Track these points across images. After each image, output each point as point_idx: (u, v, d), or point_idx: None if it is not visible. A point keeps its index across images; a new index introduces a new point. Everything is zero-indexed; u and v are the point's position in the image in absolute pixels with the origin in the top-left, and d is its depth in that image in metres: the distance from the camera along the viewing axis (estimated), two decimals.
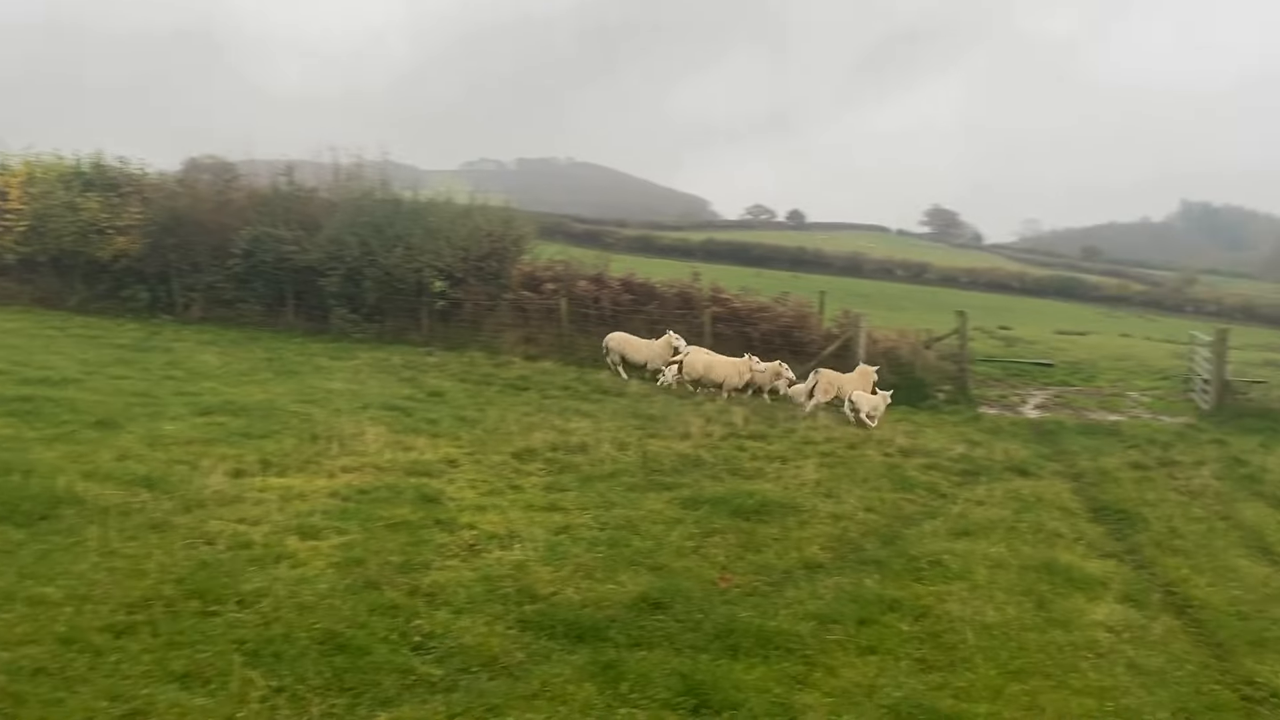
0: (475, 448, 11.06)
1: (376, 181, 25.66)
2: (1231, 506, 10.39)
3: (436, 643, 5.64)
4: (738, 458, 11.46)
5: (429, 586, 6.48)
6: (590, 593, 6.50)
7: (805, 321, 20.41)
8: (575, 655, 5.57)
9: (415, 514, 8.18)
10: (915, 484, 10.58)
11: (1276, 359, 36.65)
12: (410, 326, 22.90)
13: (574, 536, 7.80)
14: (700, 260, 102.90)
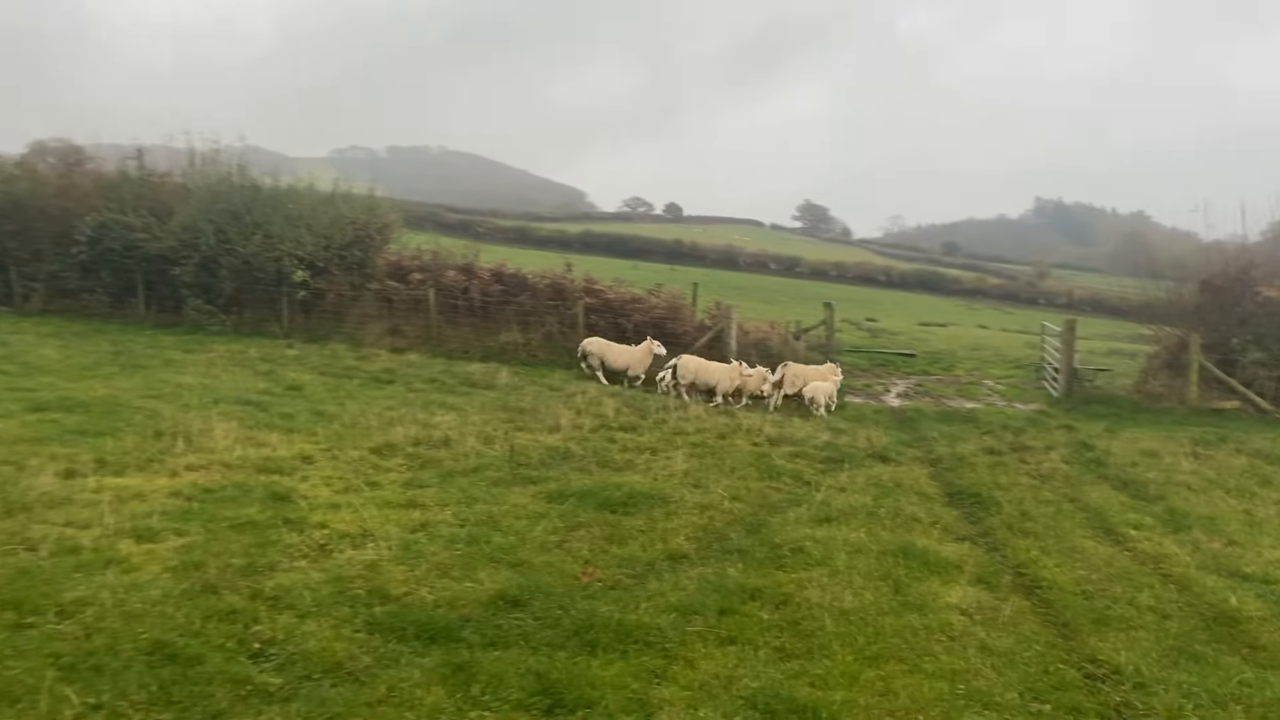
0: (332, 443, 10.61)
1: (234, 166, 24.54)
2: (1078, 489, 10.83)
3: (277, 649, 5.31)
4: (608, 450, 11.34)
5: (272, 590, 6.12)
6: (445, 592, 6.24)
7: (678, 313, 20.48)
8: (426, 658, 5.32)
9: (263, 513, 7.76)
10: (782, 472, 10.66)
11: (1120, 348, 38.84)
12: (270, 318, 22.02)
13: (432, 534, 7.52)
14: (577, 252, 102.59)
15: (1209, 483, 11.32)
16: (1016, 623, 6.29)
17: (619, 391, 16.43)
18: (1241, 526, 9.35)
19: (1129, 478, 11.44)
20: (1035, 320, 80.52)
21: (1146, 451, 13.17)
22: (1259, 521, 9.60)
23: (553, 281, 21.56)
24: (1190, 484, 11.15)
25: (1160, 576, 7.61)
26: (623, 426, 13.07)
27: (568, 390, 16.13)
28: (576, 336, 20.46)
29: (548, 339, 20.76)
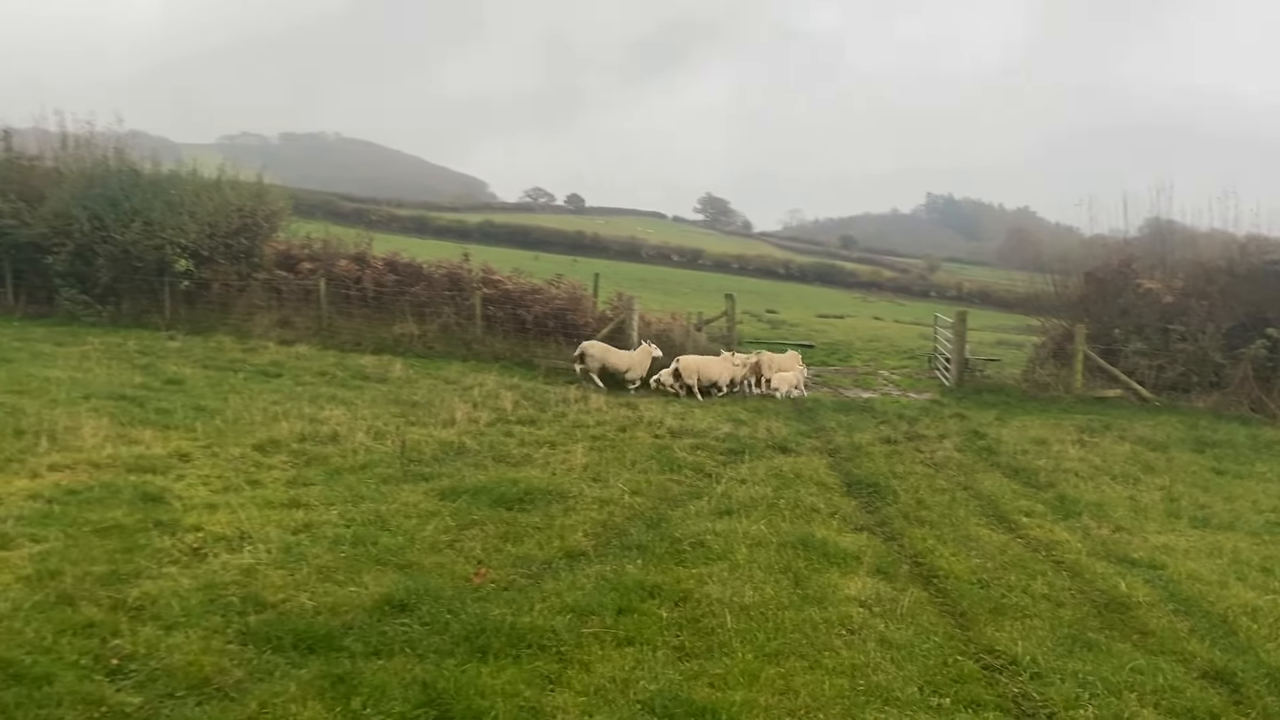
0: (212, 440, 10.05)
1: (111, 150, 23.26)
2: (972, 477, 10.98)
3: (138, 665, 4.90)
4: (504, 444, 11.03)
5: (136, 599, 5.68)
6: (327, 598, 5.89)
7: (579, 304, 20.20)
8: (303, 669, 4.98)
9: (132, 516, 7.25)
10: (682, 465, 10.53)
11: (1008, 339, 40.11)
12: (150, 308, 20.96)
13: (315, 535, 7.13)
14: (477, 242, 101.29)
15: (1096, 469, 11.63)
16: (915, 614, 6.25)
17: (519, 385, 16.07)
18: (1128, 512, 9.58)
19: (1020, 465, 11.67)
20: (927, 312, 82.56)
21: (1036, 439, 13.48)
22: (1144, 507, 9.86)
23: (449, 271, 21.04)
24: (1078, 471, 11.43)
25: (1053, 564, 7.71)
26: (521, 420, 12.78)
27: (464, 383, 15.72)
28: (473, 327, 20.05)
29: (444, 330, 20.25)
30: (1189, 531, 8.96)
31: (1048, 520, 9.13)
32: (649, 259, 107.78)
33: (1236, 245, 18.62)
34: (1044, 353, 19.62)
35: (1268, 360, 17.24)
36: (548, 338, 19.89)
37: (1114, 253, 19.62)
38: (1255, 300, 17.93)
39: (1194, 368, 17.82)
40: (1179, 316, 18.14)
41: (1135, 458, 12.65)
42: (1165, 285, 18.28)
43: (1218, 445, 14.14)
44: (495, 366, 18.41)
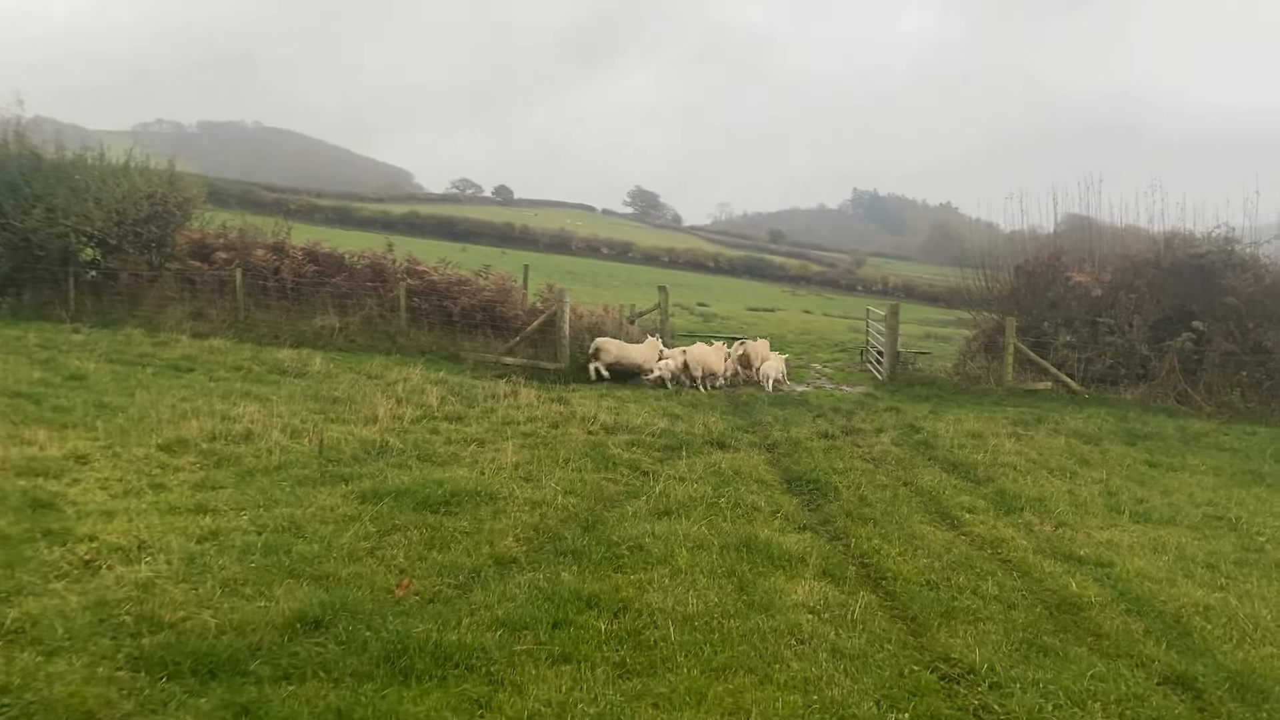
0: (114, 440, 9.34)
1: (10, 134, 21.99)
2: (911, 472, 10.78)
3: (11, 699, 4.33)
4: (430, 442, 10.50)
5: (15, 621, 5.08)
6: (233, 615, 5.35)
7: (508, 296, 19.68)
8: (203, 698, 4.47)
9: (17, 525, 6.59)
10: (618, 462, 10.12)
11: (935, 332, 40.59)
12: (54, 300, 19.89)
13: (222, 544, 6.55)
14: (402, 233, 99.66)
15: (1033, 463, 11.53)
16: (866, 620, 5.93)
17: (445, 380, 15.49)
18: (1068, 508, 9.45)
19: (957, 460, 11.52)
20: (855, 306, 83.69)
21: (971, 433, 13.38)
22: (1083, 502, 9.75)
23: (372, 262, 20.34)
24: (1016, 465, 11.31)
25: (1000, 562, 7.49)
26: (448, 416, 12.24)
27: (388, 378, 15.10)
28: (398, 320, 19.39)
29: (367, 323, 19.56)
30: (1131, 527, 8.84)
31: (990, 517, 8.94)
32: (579, 251, 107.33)
33: (1162, 239, 18.86)
34: (975, 346, 19.69)
35: (1193, 353, 17.48)
36: (476, 330, 19.34)
37: (1044, 246, 19.76)
38: (1180, 293, 18.19)
39: (1122, 360, 18.01)
40: (1107, 310, 18.33)
41: (1070, 451, 12.62)
42: (1094, 279, 18.44)
43: (1148, 437, 14.23)
44: (421, 360, 17.78)
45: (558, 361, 18.44)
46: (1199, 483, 11.30)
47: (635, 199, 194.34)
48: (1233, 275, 17.68)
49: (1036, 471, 11.10)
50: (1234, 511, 9.74)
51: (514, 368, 18.15)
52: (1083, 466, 11.73)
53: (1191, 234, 18.57)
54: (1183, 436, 14.47)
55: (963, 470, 11.02)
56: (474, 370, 17.68)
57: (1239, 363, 17.29)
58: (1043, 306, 19.10)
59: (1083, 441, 13.45)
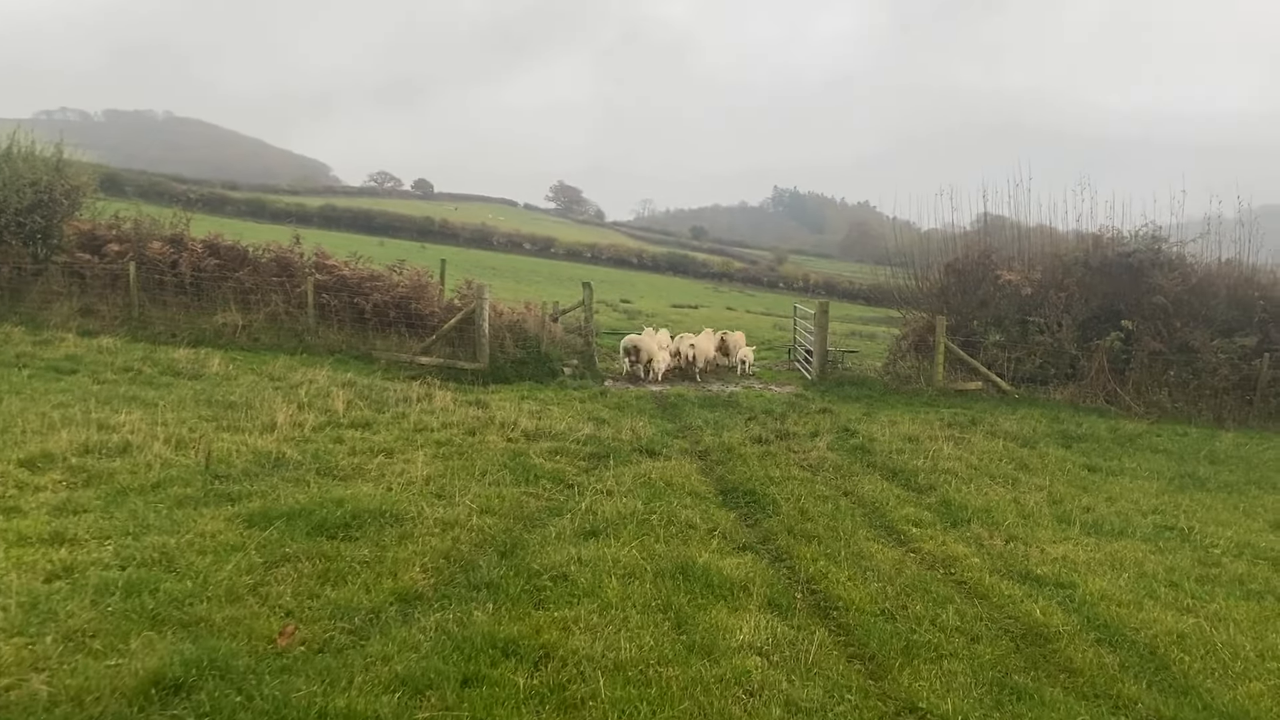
0: None
1: None
2: (850, 480, 10.21)
3: None
4: (333, 453, 9.56)
5: None
6: (74, 679, 4.43)
7: (424, 292, 18.66)
8: None
9: None
10: (540, 474, 9.33)
11: (858, 330, 40.53)
12: None
13: (76, 583, 5.60)
14: (319, 227, 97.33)
15: (973, 470, 11.08)
16: (821, 663, 5.26)
17: (354, 382, 14.45)
18: (1017, 519, 8.97)
19: (897, 466, 11.00)
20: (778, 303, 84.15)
21: (907, 436, 12.92)
22: (1030, 512, 9.28)
23: (278, 255, 19.11)
24: (957, 472, 10.84)
25: (955, 584, 6.92)
26: (354, 423, 11.29)
27: (291, 380, 14.03)
28: (305, 317, 18.23)
29: (272, 320, 18.35)
30: (1084, 540, 8.37)
31: (938, 531, 8.40)
32: (500, 246, 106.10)
33: (1090, 238, 18.73)
34: (905, 345, 19.32)
35: (1122, 352, 17.36)
36: (389, 329, 18.30)
37: (974, 244, 19.50)
38: (1108, 292, 18.07)
39: (1052, 360, 17.81)
40: (1037, 309, 18.12)
41: (1009, 455, 12.21)
42: (1024, 277, 18.21)
43: (1083, 439, 13.96)
44: (329, 360, 16.70)
45: (476, 361, 17.53)
46: (1140, 488, 10.97)
47: (558, 194, 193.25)
48: (1160, 274, 17.62)
49: (978, 479, 10.64)
50: (1182, 521, 9.38)
51: (430, 368, 17.19)
52: (1023, 472, 11.32)
53: (1119, 232, 18.47)
54: (1116, 438, 14.23)
55: (903, 478, 10.49)
56: (386, 371, 16.67)
57: (1166, 362, 17.22)
58: (972, 305, 18.83)
59: (1019, 445, 13.09)
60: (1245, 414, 16.78)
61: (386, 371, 16.61)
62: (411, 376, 16.44)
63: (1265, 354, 16.92)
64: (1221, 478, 12.00)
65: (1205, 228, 18.26)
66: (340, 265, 19.08)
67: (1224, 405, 16.86)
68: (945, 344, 17.88)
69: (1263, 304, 17.54)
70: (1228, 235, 18.18)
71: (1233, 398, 16.99)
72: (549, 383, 17.51)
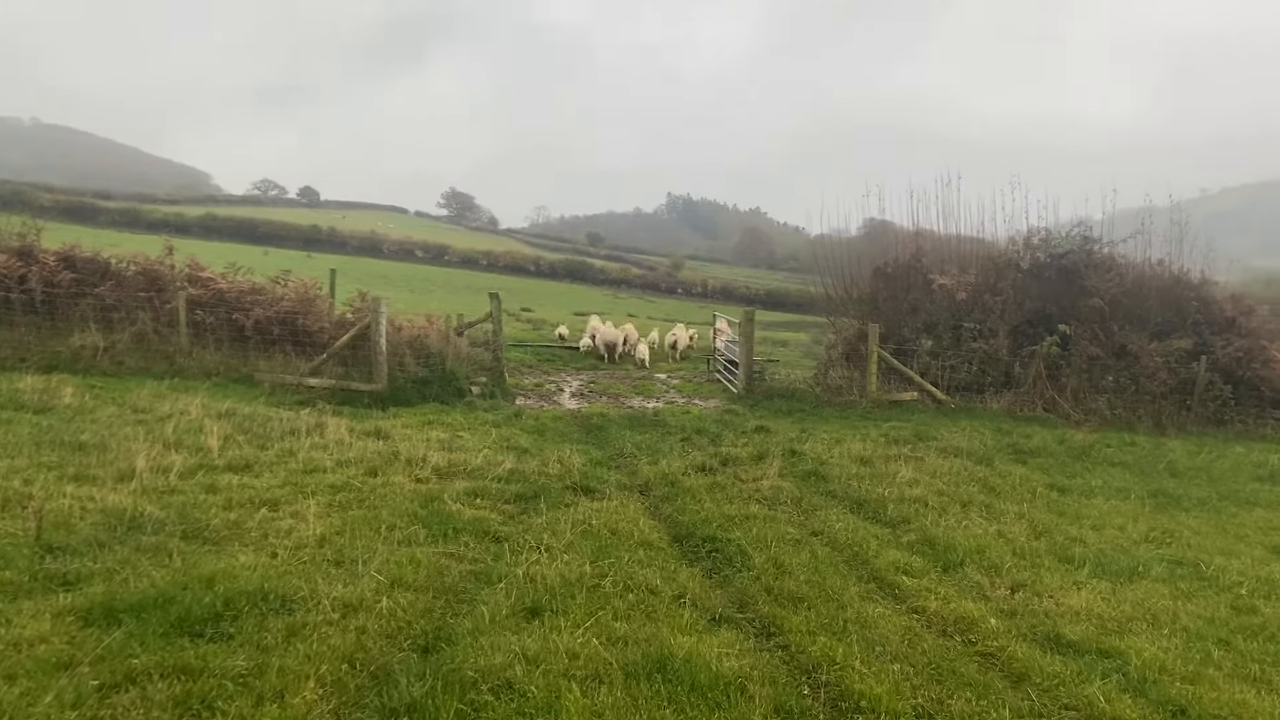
0: None
1: None
2: (814, 516, 9.00)
3: None
4: (204, 507, 7.86)
5: None
6: None
7: (311, 306, 16.82)
8: None
9: None
10: (460, 525, 7.81)
11: (769, 336, 39.82)
12: None
13: None
14: (199, 237, 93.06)
15: (941, 496, 9.99)
16: None
17: (234, 412, 12.59)
18: (1012, 558, 7.86)
19: (860, 496, 9.85)
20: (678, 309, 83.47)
21: (858, 458, 11.83)
22: (1023, 550, 8.18)
23: (145, 267, 16.99)
24: (925, 500, 9.73)
25: (983, 660, 5.70)
26: (232, 465, 9.55)
27: (159, 411, 12.10)
28: (177, 336, 16.22)
29: (139, 341, 16.25)
30: (1096, 584, 7.30)
31: (933, 579, 7.21)
32: (391, 255, 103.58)
33: (1021, 239, 18.08)
34: (836, 355, 18.34)
35: (1060, 358, 16.69)
36: (273, 347, 16.42)
37: (904, 247, 18.64)
38: (1041, 295, 17.42)
39: (988, 367, 17.04)
40: (969, 314, 17.35)
41: (970, 476, 11.21)
42: (958, 282, 17.41)
43: (1036, 454, 13.13)
44: (205, 385, 14.77)
45: (373, 382, 15.81)
46: (1118, 511, 10.06)
47: (450, 200, 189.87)
48: (1094, 276, 17.03)
49: (949, 507, 9.56)
50: (1183, 551, 8.46)
51: (320, 391, 15.40)
52: (992, 496, 10.30)
53: (1049, 233, 17.85)
54: (1069, 451, 13.44)
55: (871, 510, 9.34)
56: (271, 396, 14.83)
57: (1104, 367, 16.62)
58: (903, 311, 17.98)
59: (975, 463, 12.14)
60: (1184, 419, 16.29)
61: (271, 396, 14.77)
62: (300, 402, 14.66)
63: (1202, 356, 16.48)
64: (1192, 494, 11.24)
65: (1138, 226, 17.78)
66: (217, 278, 17.09)
67: (1163, 410, 16.35)
68: (879, 353, 16.94)
69: (1196, 305, 17.13)
70: (1158, 235, 17.76)
71: (1170, 402, 16.49)
72: (456, 404, 15.93)
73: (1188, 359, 16.60)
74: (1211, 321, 16.97)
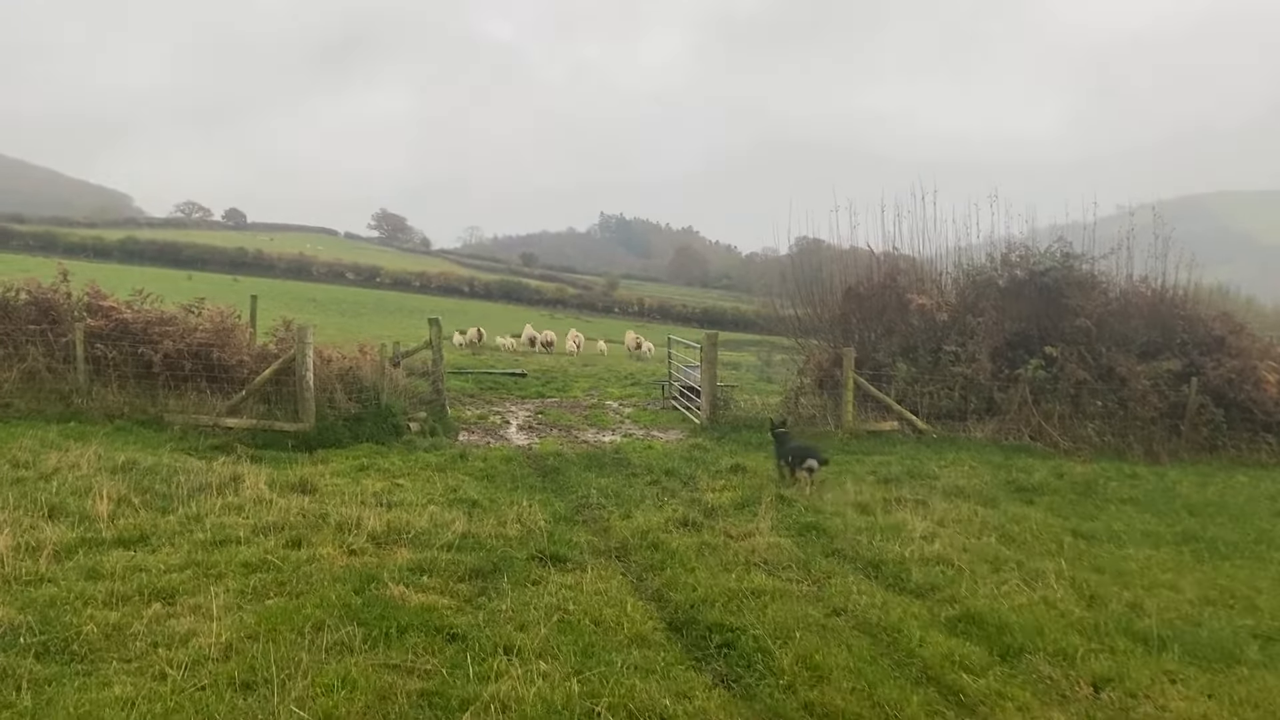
0: None
1: None
2: (828, 586, 7.60)
3: None
4: (78, 604, 6.19)
5: None
6: None
7: (229, 337, 15.00)
8: None
9: None
10: (405, 621, 6.21)
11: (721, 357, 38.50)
12: None
13: None
14: (119, 261, 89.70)
15: (964, 552, 8.66)
16: None
17: (134, 464, 10.79)
18: (1076, 637, 6.52)
19: (872, 555, 8.47)
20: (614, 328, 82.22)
21: (857, 505, 10.51)
22: (1080, 623, 6.85)
23: (37, 296, 15.04)
24: (948, 559, 8.39)
25: None
26: (123, 538, 7.86)
27: (42, 466, 10.26)
28: (73, 374, 14.30)
29: (29, 379, 14.29)
30: (1195, 676, 6.00)
31: (1000, 677, 5.82)
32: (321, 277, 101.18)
33: (999, 256, 17.02)
34: (807, 381, 17.04)
35: (1047, 382, 15.60)
36: (185, 384, 14.58)
37: (878, 265, 17.45)
38: (1022, 316, 16.37)
39: (970, 393, 15.89)
40: (949, 336, 16.21)
41: (981, 523, 9.92)
42: (938, 302, 16.27)
43: (1039, 491, 11.98)
44: (105, 430, 12.95)
45: (299, 421, 14.09)
46: (1158, 563, 8.84)
47: (381, 222, 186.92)
48: (1078, 294, 16.02)
49: (978, 567, 8.23)
50: (1263, 620, 7.23)
51: (239, 433, 13.65)
52: (1017, 549, 9.01)
53: (1029, 249, 16.83)
54: (1072, 487, 12.29)
55: (890, 574, 7.97)
56: (182, 440, 13.04)
57: (1092, 391, 15.58)
58: (877, 334, 16.79)
59: (980, 504, 10.89)
60: (1176, 445, 15.31)
61: (182, 441, 12.99)
62: (215, 446, 12.95)
63: (1192, 378, 15.54)
64: (1222, 536, 10.08)
65: (1118, 243, 16.84)
66: (120, 307, 15.19)
67: (1154, 436, 15.35)
68: (855, 379, 15.69)
69: (1183, 324, 16.22)
70: (1140, 250, 16.82)
71: (1160, 427, 15.51)
72: (393, 443, 14.34)
73: (1177, 381, 15.66)
74: (1200, 341, 16.05)
